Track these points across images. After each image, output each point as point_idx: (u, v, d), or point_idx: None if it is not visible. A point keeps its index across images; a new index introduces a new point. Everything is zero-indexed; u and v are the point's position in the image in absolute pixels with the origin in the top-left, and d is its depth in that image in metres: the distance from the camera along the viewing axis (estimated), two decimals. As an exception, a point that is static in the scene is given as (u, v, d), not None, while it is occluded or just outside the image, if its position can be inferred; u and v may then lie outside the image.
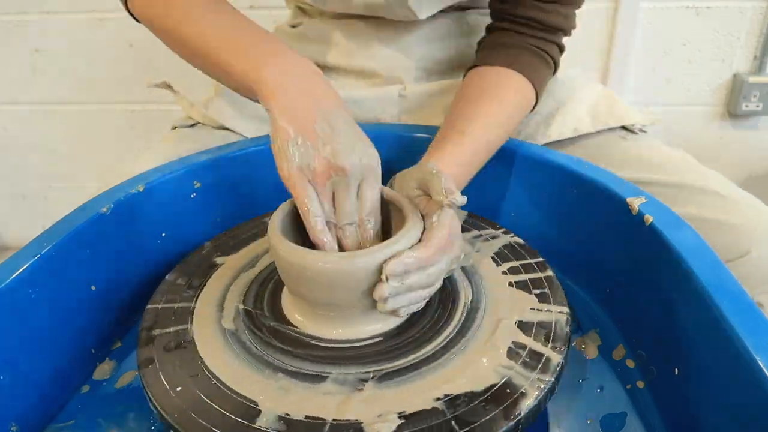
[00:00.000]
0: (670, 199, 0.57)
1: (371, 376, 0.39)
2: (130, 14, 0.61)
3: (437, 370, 0.39)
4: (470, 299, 0.45)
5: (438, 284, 0.43)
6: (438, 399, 0.36)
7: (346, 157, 0.41)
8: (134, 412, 0.45)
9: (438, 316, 0.44)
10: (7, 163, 1.55)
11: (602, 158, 0.65)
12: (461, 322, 0.43)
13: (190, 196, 0.60)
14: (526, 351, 0.40)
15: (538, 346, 0.40)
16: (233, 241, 0.55)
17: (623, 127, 0.67)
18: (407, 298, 0.41)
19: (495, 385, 0.37)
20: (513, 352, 0.40)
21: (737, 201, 0.56)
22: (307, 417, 0.36)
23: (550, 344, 0.40)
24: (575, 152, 0.67)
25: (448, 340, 0.41)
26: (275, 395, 0.38)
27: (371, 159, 0.43)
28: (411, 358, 0.40)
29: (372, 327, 0.43)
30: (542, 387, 0.37)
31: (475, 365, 0.39)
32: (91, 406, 0.46)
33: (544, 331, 0.42)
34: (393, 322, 0.43)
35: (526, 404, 0.36)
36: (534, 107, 0.62)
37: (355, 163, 0.41)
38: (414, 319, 0.44)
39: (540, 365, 0.39)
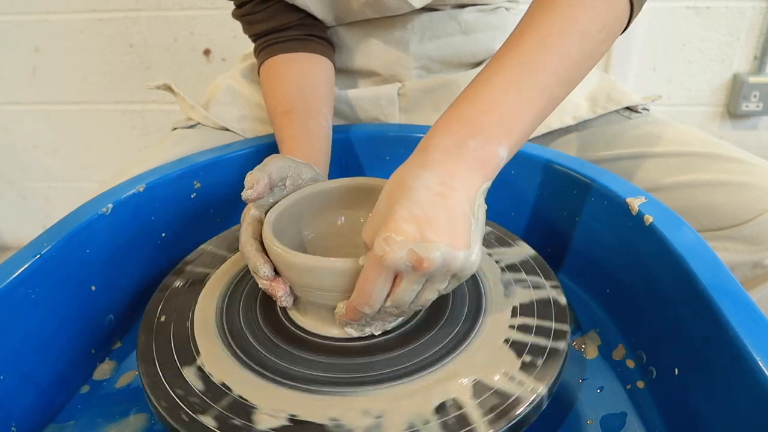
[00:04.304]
0: (683, 167, 0.58)
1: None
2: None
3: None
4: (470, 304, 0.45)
5: (403, 308, 0.39)
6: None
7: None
8: (134, 412, 0.45)
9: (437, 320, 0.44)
10: (7, 164, 1.55)
11: (609, 138, 0.65)
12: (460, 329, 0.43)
13: (190, 196, 0.60)
14: (519, 362, 0.39)
15: (530, 358, 0.40)
16: (232, 241, 0.55)
17: (627, 108, 0.67)
18: (370, 325, 0.42)
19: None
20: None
21: (752, 163, 0.57)
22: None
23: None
24: (581, 136, 0.67)
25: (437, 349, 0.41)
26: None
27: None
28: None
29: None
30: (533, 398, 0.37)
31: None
32: (91, 406, 0.46)
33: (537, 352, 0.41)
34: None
35: (518, 412, 0.35)
36: (628, 24, 0.46)
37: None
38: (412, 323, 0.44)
39: (535, 373, 0.38)
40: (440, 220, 0.35)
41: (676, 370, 0.41)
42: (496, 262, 0.50)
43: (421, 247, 0.34)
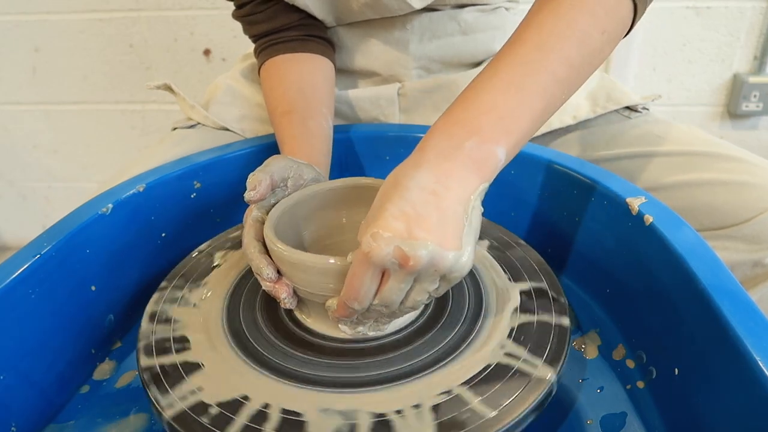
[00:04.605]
0: (684, 166, 0.58)
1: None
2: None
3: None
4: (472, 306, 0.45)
5: (393, 308, 0.38)
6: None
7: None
8: (134, 412, 0.45)
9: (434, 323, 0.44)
10: (7, 164, 1.55)
11: (609, 138, 0.66)
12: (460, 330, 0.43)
13: (190, 196, 0.60)
14: (514, 369, 0.39)
15: (529, 357, 0.40)
16: (233, 241, 0.55)
17: (627, 108, 0.67)
18: (362, 324, 0.41)
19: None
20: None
21: (752, 162, 0.57)
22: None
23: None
24: (581, 136, 0.67)
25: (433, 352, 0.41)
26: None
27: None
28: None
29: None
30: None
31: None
32: (91, 406, 0.46)
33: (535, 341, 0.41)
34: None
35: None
36: (631, 27, 0.45)
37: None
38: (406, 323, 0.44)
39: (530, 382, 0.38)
40: (431, 218, 0.35)
41: (676, 370, 0.41)
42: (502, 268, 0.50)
43: (408, 244, 0.34)
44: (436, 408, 0.36)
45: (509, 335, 0.42)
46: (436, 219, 0.35)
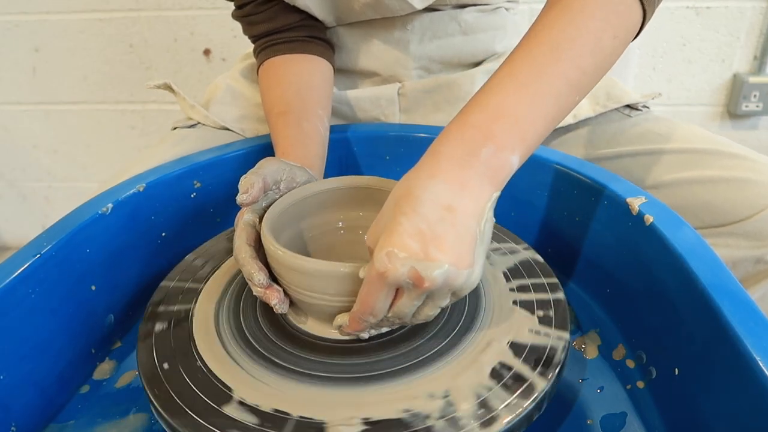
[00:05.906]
0: (685, 163, 0.59)
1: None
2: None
3: (412, 380, 0.38)
4: (465, 314, 0.44)
5: (405, 319, 0.39)
6: (406, 411, 0.36)
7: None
8: (134, 412, 0.45)
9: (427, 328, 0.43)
10: (7, 164, 1.55)
11: (609, 136, 0.66)
12: (451, 336, 0.42)
13: (190, 196, 0.60)
14: (511, 373, 0.38)
15: (525, 370, 0.38)
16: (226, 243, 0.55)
17: (627, 106, 0.67)
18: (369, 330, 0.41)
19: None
20: (496, 373, 0.38)
21: (754, 159, 0.57)
22: (275, 410, 0.36)
23: (538, 369, 0.38)
24: (581, 135, 0.68)
25: (433, 352, 0.40)
26: (250, 385, 0.38)
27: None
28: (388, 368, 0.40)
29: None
30: (518, 412, 0.35)
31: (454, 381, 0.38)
32: (91, 406, 0.46)
33: (535, 355, 0.40)
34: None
35: (496, 429, 0.34)
36: (639, 31, 0.45)
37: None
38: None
39: (521, 390, 0.37)
40: (447, 238, 0.35)
41: (676, 370, 0.41)
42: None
43: (423, 265, 0.34)
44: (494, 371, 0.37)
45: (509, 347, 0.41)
46: (452, 238, 0.35)
